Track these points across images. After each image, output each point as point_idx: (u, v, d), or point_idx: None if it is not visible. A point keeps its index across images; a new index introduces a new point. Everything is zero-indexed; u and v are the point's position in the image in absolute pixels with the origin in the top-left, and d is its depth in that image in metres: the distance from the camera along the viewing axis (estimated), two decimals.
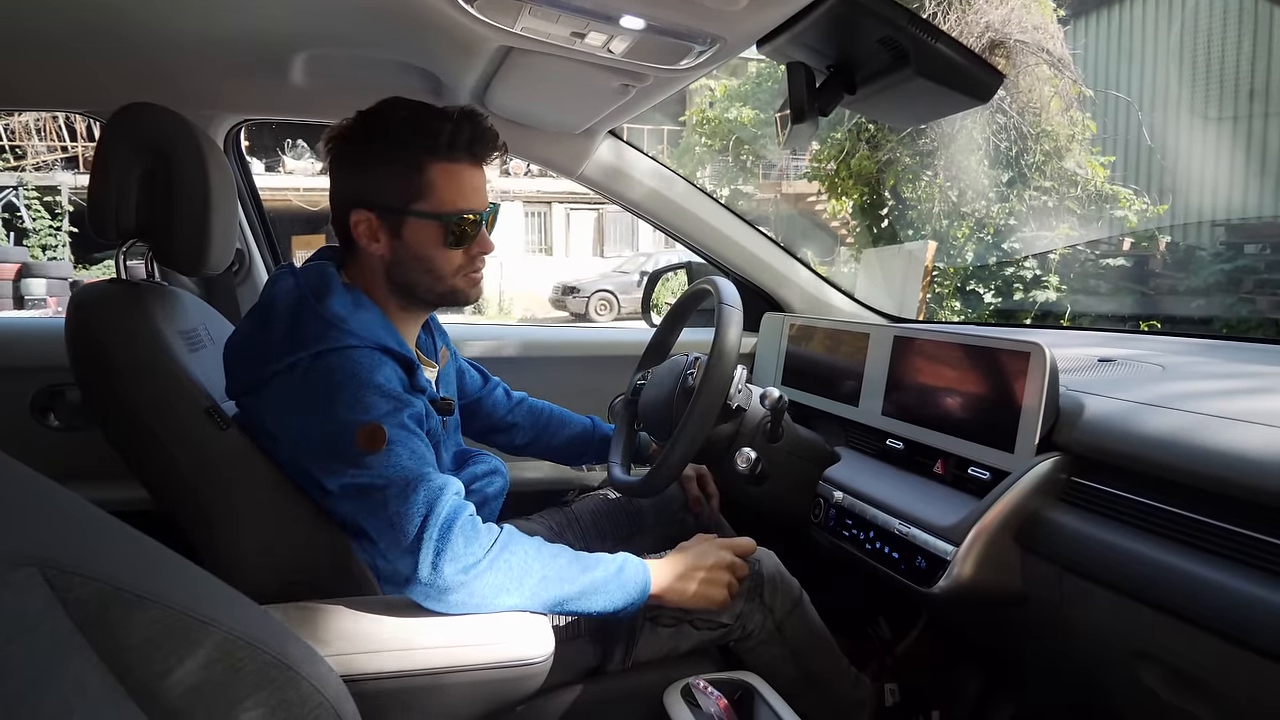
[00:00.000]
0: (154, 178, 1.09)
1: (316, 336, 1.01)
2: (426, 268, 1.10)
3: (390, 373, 1.03)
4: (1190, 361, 1.35)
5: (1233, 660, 0.82)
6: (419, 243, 1.09)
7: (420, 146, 1.06)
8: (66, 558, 0.52)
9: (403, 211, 1.07)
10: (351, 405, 0.97)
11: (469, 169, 1.09)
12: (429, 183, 1.06)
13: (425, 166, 1.06)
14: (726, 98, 12.90)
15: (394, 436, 0.96)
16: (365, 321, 1.05)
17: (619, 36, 1.08)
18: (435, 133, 1.05)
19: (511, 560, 0.95)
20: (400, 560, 0.93)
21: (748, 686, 1.07)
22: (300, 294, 1.06)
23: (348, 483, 0.97)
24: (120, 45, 1.30)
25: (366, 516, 0.97)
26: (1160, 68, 10.32)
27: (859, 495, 1.31)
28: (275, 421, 1.04)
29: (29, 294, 11.05)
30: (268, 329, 1.05)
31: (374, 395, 0.99)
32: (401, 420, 0.99)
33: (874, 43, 0.97)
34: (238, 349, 1.09)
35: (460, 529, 0.93)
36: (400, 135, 1.06)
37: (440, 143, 1.06)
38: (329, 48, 1.32)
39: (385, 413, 0.98)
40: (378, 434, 0.96)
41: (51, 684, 0.48)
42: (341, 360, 1.00)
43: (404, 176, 1.06)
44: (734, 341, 1.22)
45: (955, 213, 9.60)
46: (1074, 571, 1.00)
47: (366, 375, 0.99)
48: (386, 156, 1.07)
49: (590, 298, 14.09)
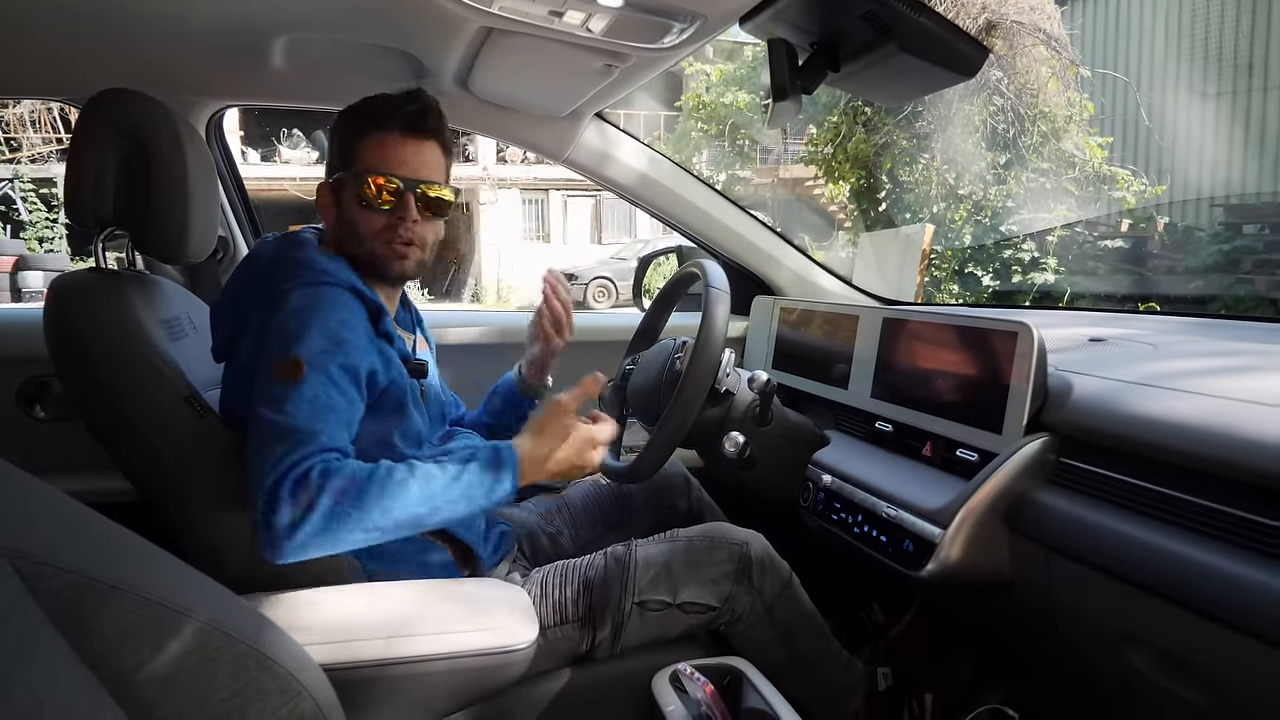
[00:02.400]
0: (132, 165, 1.08)
1: (291, 276, 1.06)
2: (351, 230, 1.14)
3: (349, 316, 1.05)
4: (1182, 340, 1.34)
5: (1222, 642, 0.82)
6: (346, 204, 1.14)
7: (360, 117, 1.14)
8: (38, 549, 0.52)
9: (339, 178, 1.14)
10: (289, 336, 0.99)
11: (400, 139, 1.13)
12: (360, 149, 1.13)
13: (361, 134, 1.13)
14: (722, 82, 12.81)
15: (309, 377, 0.97)
16: (338, 266, 1.10)
17: (597, 14, 1.07)
18: (374, 107, 1.14)
19: (346, 499, 0.91)
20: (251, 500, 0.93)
21: (736, 671, 1.06)
22: (280, 250, 1.13)
23: (251, 409, 0.97)
24: (97, 30, 1.28)
25: (247, 449, 0.96)
26: (1157, 46, 10.25)
27: (848, 478, 1.31)
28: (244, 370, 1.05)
29: (26, 286, 11.03)
30: (248, 281, 1.11)
31: (315, 332, 1.00)
32: (326, 365, 0.99)
33: (857, 18, 0.96)
34: (222, 307, 1.14)
35: (291, 482, 0.91)
36: (348, 113, 1.16)
37: (377, 113, 1.13)
38: (309, 32, 1.31)
39: (315, 351, 0.99)
40: (295, 368, 0.97)
41: (23, 675, 0.47)
42: (305, 294, 1.04)
43: (344, 147, 1.15)
44: (721, 325, 1.21)
45: (953, 195, 9.56)
46: (1062, 553, 0.99)
47: (323, 311, 1.02)
48: (337, 134, 1.17)
49: (588, 285, 14.08)
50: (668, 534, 1.26)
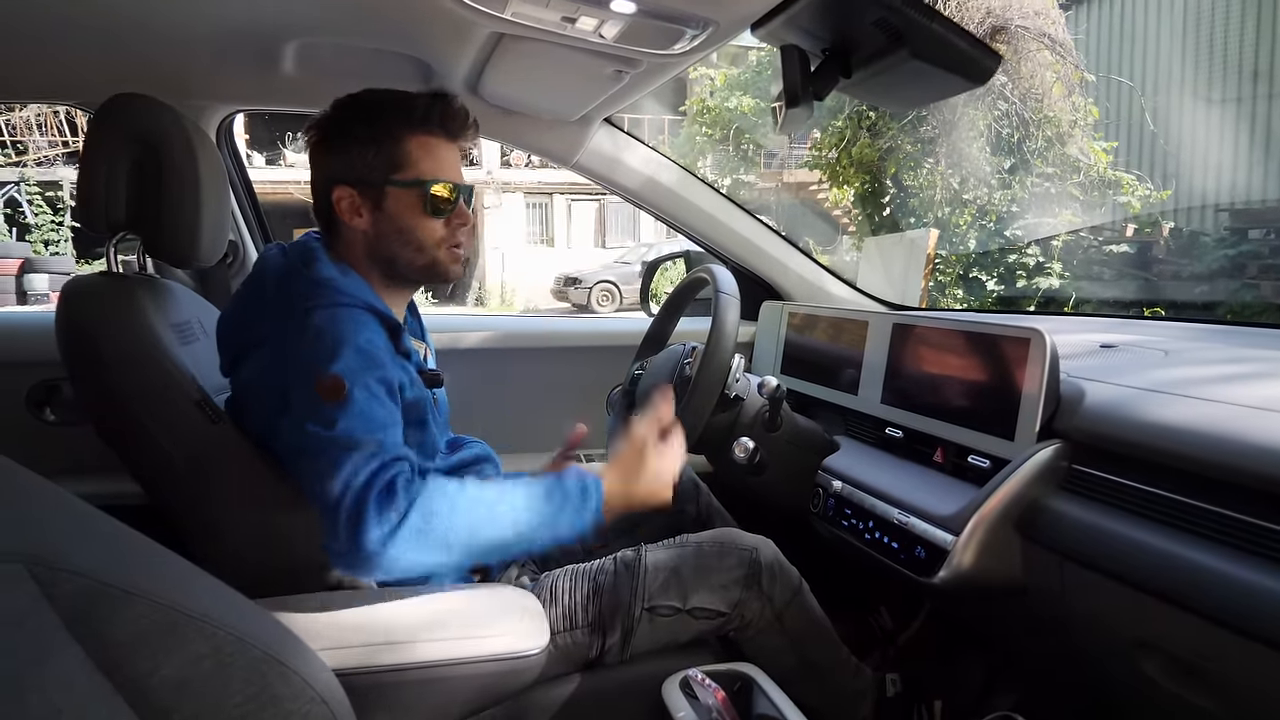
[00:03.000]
0: (143, 169, 1.08)
1: (306, 295, 1.03)
2: (408, 238, 1.11)
3: (373, 335, 1.04)
4: (1193, 347, 1.33)
5: (1236, 650, 0.81)
6: (399, 213, 1.10)
7: (397, 120, 1.09)
8: (53, 553, 0.51)
9: (383, 183, 1.09)
10: (324, 354, 0.97)
11: (444, 143, 1.12)
12: (407, 153, 1.09)
13: (403, 138, 1.09)
14: (727, 87, 12.82)
15: (354, 394, 0.96)
16: (353, 284, 1.07)
17: (610, 20, 1.07)
18: (411, 107, 1.09)
19: (432, 521, 0.90)
20: (325, 524, 0.91)
21: (746, 678, 1.06)
22: (289, 264, 1.09)
23: (298, 430, 0.96)
24: (109, 36, 1.29)
25: (305, 471, 0.94)
26: (1162, 51, 10.25)
27: (858, 484, 1.31)
28: (262, 384, 1.04)
29: (31, 289, 11.05)
30: (257, 297, 1.08)
31: (348, 350, 0.99)
32: (367, 381, 0.98)
33: (869, 25, 0.95)
34: (229, 321, 1.12)
35: (376, 495, 0.89)
36: (377, 112, 1.10)
37: (416, 116, 1.09)
38: (320, 37, 1.31)
39: (353, 368, 0.97)
40: (338, 386, 0.95)
41: (38, 681, 0.47)
42: (326, 315, 1.01)
43: (383, 149, 1.09)
44: (731, 330, 1.21)
45: (957, 200, 9.55)
46: (1075, 560, 0.99)
47: (347, 331, 1.00)
48: (365, 133, 1.10)
49: (592, 289, 14.08)
50: (677, 539, 1.25)
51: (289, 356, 1.01)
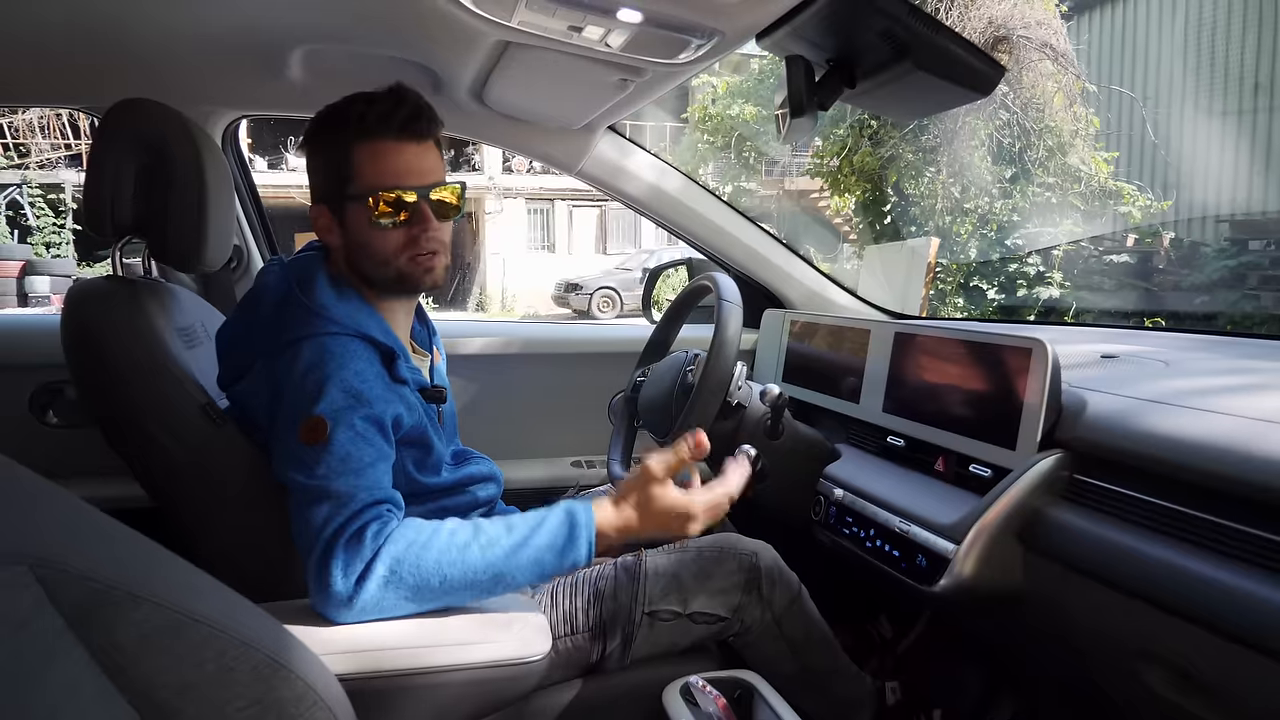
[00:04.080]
0: (150, 174, 1.08)
1: (299, 323, 1.02)
2: (368, 252, 1.08)
3: (364, 366, 1.01)
4: (1194, 358, 1.34)
5: (1238, 661, 0.81)
6: (356, 227, 1.07)
7: (341, 131, 1.06)
8: (58, 556, 0.51)
9: (339, 198, 1.07)
10: (308, 395, 0.97)
11: (397, 146, 1.05)
12: (354, 163, 1.05)
13: (348, 150, 1.05)
14: (729, 94, 12.85)
15: (335, 435, 0.94)
16: (348, 310, 1.05)
17: (616, 30, 1.08)
18: (356, 115, 1.05)
19: (400, 569, 0.89)
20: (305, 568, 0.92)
21: (747, 685, 1.06)
22: (287, 285, 1.07)
23: (282, 475, 0.96)
24: (116, 41, 1.30)
25: (291, 515, 0.95)
26: (1164, 63, 10.28)
27: (859, 493, 1.31)
28: (258, 410, 1.04)
29: (33, 291, 11.08)
30: (255, 317, 1.07)
31: (333, 388, 0.97)
32: (351, 420, 0.96)
33: (873, 36, 0.96)
34: (228, 338, 1.11)
35: (343, 544, 0.89)
36: (326, 125, 1.07)
37: (361, 124, 1.04)
38: (326, 43, 1.31)
39: (337, 409, 0.96)
40: (319, 428, 0.94)
41: (42, 684, 0.47)
42: (315, 347, 1.00)
43: (332, 163, 1.07)
44: (733, 338, 1.22)
45: (958, 209, 9.57)
46: (1076, 570, 0.99)
47: (334, 365, 0.98)
48: (320, 148, 1.08)
49: (593, 295, 14.10)
50: (677, 544, 1.25)
51: (277, 391, 1.00)
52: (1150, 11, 10.61)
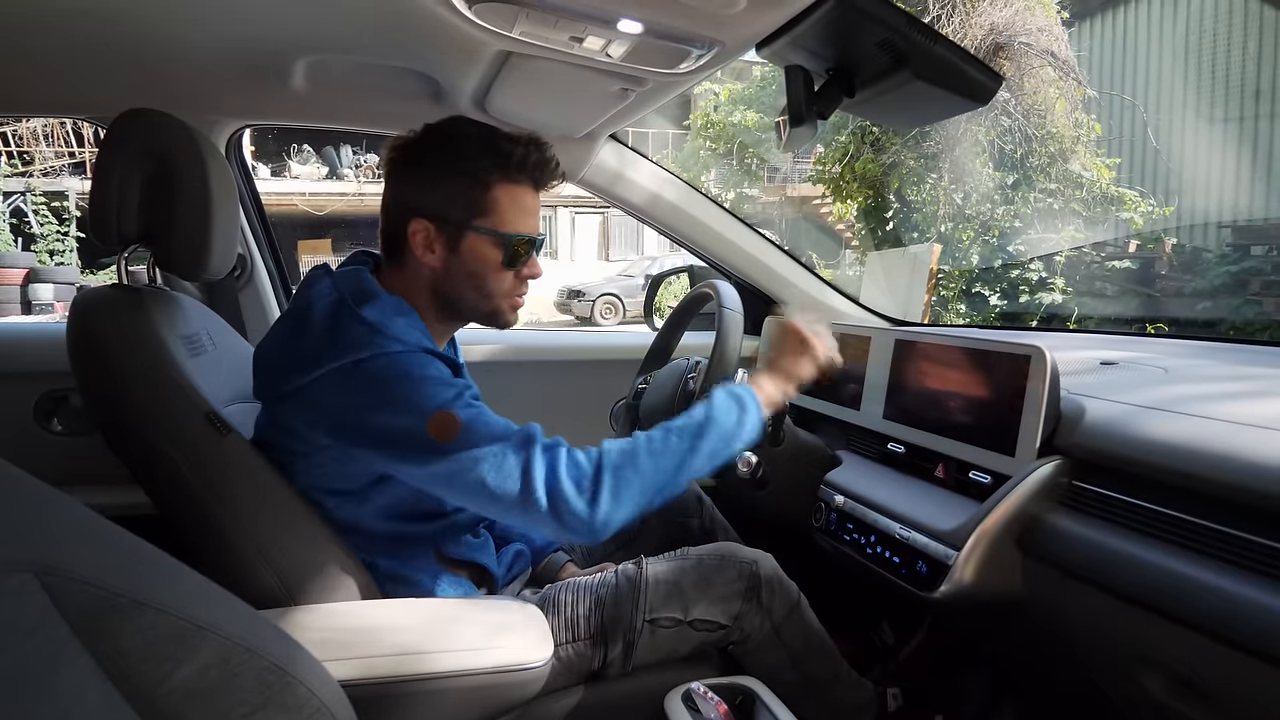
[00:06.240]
0: (155, 183, 1.09)
1: (360, 343, 0.99)
2: (477, 284, 1.10)
3: (440, 368, 1.02)
4: (1194, 364, 1.34)
5: (1237, 666, 0.82)
6: (475, 259, 1.09)
7: (490, 164, 1.07)
8: (63, 563, 0.52)
9: (464, 226, 1.07)
10: (415, 401, 0.97)
11: (530, 193, 1.10)
12: (494, 200, 1.07)
13: (492, 184, 1.07)
14: (730, 102, 12.87)
15: (465, 417, 0.97)
16: (405, 327, 1.04)
17: (617, 40, 1.08)
18: (505, 153, 1.07)
19: (621, 474, 0.97)
20: (523, 520, 0.96)
21: (748, 691, 1.06)
22: (338, 299, 1.04)
23: (433, 473, 0.97)
24: (121, 52, 1.31)
25: (467, 496, 0.97)
26: (1165, 69, 10.29)
27: (860, 499, 1.31)
28: (311, 427, 1.02)
29: (36, 299, 11.09)
30: (304, 334, 1.03)
31: (432, 386, 0.99)
32: (466, 400, 0.99)
33: (872, 46, 0.97)
34: (271, 354, 1.08)
35: (564, 472, 0.96)
36: (471, 151, 1.07)
37: (509, 162, 1.07)
38: (330, 53, 1.32)
39: (450, 399, 0.98)
40: (449, 421, 0.96)
41: (48, 691, 0.48)
42: (390, 363, 0.99)
43: (470, 191, 1.07)
44: (734, 345, 1.22)
45: (960, 215, 9.57)
46: (1075, 576, 0.99)
47: (419, 371, 0.99)
48: (455, 170, 1.07)
49: (595, 301, 14.09)
50: (678, 552, 1.26)
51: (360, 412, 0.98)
52: (1151, 18, 10.62)
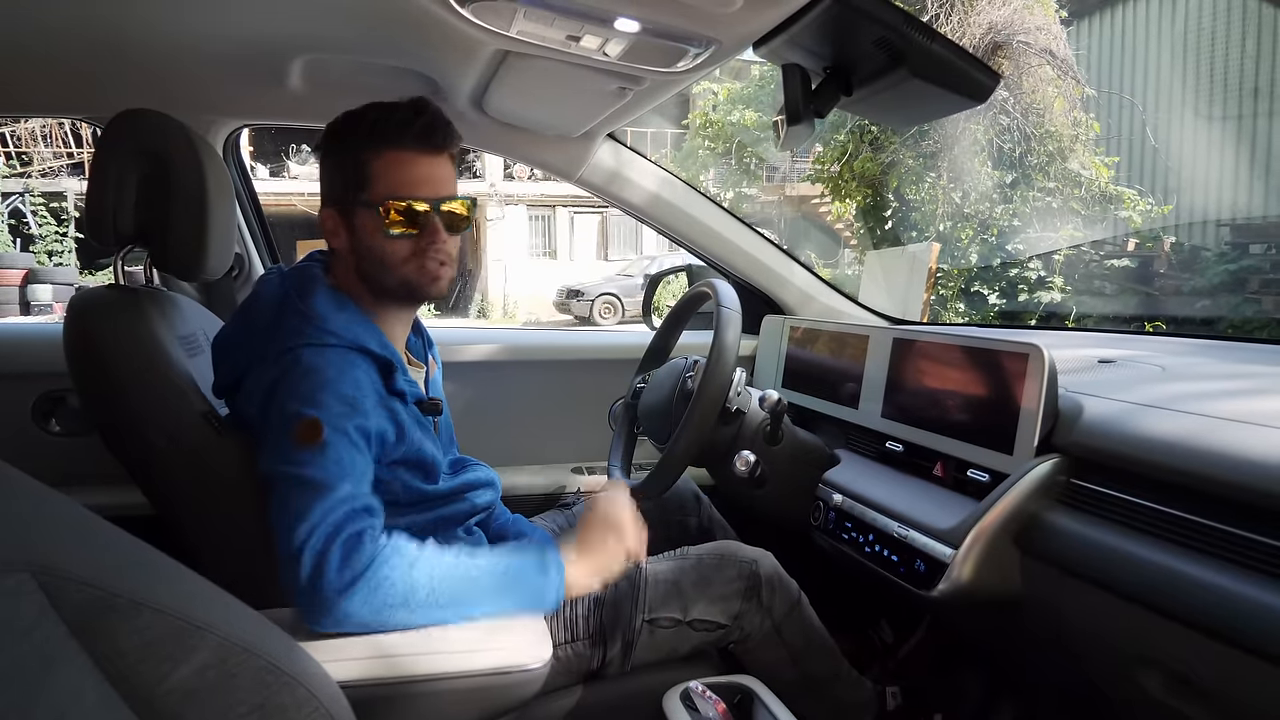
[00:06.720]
0: (152, 183, 1.09)
1: (295, 331, 1.02)
2: (377, 257, 1.08)
3: (361, 376, 1.02)
4: (1191, 362, 1.34)
5: (1235, 665, 0.82)
6: (366, 233, 1.08)
7: (358, 137, 1.07)
8: (61, 563, 0.52)
9: (351, 202, 1.08)
10: (304, 398, 0.97)
11: (413, 157, 1.07)
12: (369, 172, 1.06)
13: (366, 157, 1.06)
14: (729, 101, 12.87)
15: (330, 439, 0.95)
16: (345, 321, 1.05)
17: (614, 39, 1.08)
18: (373, 122, 1.06)
19: (392, 577, 0.90)
20: (284, 566, 0.90)
21: (747, 690, 1.06)
22: (284, 293, 1.07)
23: (271, 469, 0.96)
24: (118, 52, 1.30)
25: (275, 510, 0.94)
26: (1163, 67, 10.29)
27: (858, 498, 1.31)
28: (253, 416, 1.03)
29: (35, 300, 11.09)
30: (251, 325, 1.07)
31: (329, 395, 0.98)
32: (345, 427, 0.97)
33: (869, 44, 0.97)
34: (224, 346, 1.11)
35: (342, 544, 0.89)
36: (345, 130, 1.08)
37: (381, 132, 1.06)
38: (326, 53, 1.32)
39: (333, 414, 0.97)
40: (314, 429, 0.94)
41: (44, 691, 0.48)
42: (313, 356, 1.00)
43: (347, 168, 1.08)
44: (732, 344, 1.22)
45: (959, 214, 9.57)
46: (1073, 574, 0.99)
47: (332, 374, 0.99)
48: (336, 153, 1.10)
49: (594, 301, 14.10)
50: (677, 551, 1.26)
51: (270, 393, 0.99)
52: (1149, 16, 10.63)
